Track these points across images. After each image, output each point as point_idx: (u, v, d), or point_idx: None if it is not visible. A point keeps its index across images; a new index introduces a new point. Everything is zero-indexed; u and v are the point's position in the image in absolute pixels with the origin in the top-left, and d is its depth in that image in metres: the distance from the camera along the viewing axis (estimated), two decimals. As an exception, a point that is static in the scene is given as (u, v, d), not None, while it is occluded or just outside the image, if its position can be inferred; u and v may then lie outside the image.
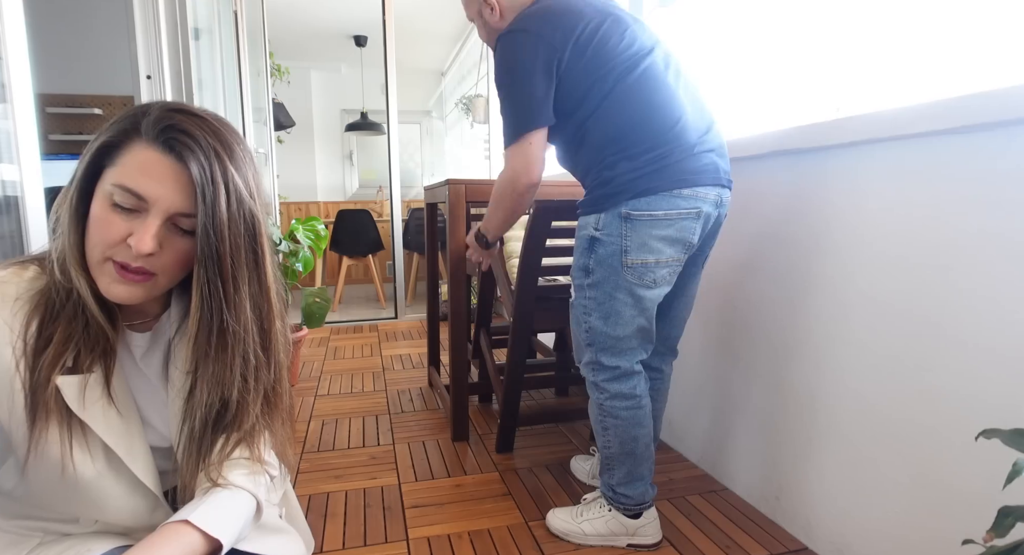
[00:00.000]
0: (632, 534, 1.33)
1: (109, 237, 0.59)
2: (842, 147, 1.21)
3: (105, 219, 0.59)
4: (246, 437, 0.68)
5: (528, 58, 1.18)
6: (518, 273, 1.59)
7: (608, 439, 1.30)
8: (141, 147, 0.59)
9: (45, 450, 0.60)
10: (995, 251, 0.94)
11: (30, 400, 0.58)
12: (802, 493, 1.35)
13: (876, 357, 1.15)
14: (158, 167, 0.58)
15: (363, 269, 5.22)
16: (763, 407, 1.47)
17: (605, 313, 1.22)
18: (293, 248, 2.55)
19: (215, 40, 2.93)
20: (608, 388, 1.27)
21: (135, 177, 0.58)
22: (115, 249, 0.59)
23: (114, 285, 0.60)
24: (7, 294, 0.60)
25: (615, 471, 1.32)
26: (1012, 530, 0.49)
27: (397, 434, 2.02)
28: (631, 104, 1.16)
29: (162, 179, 0.58)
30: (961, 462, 1.00)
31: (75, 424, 0.61)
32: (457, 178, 1.85)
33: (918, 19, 1.28)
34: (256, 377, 0.67)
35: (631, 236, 1.16)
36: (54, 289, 0.61)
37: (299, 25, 4.41)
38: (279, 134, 4.64)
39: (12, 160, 1.27)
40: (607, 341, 1.24)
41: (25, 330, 0.59)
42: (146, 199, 0.58)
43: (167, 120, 0.59)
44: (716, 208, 1.20)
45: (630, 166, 1.15)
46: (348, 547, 1.35)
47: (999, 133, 0.92)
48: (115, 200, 0.58)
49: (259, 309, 0.66)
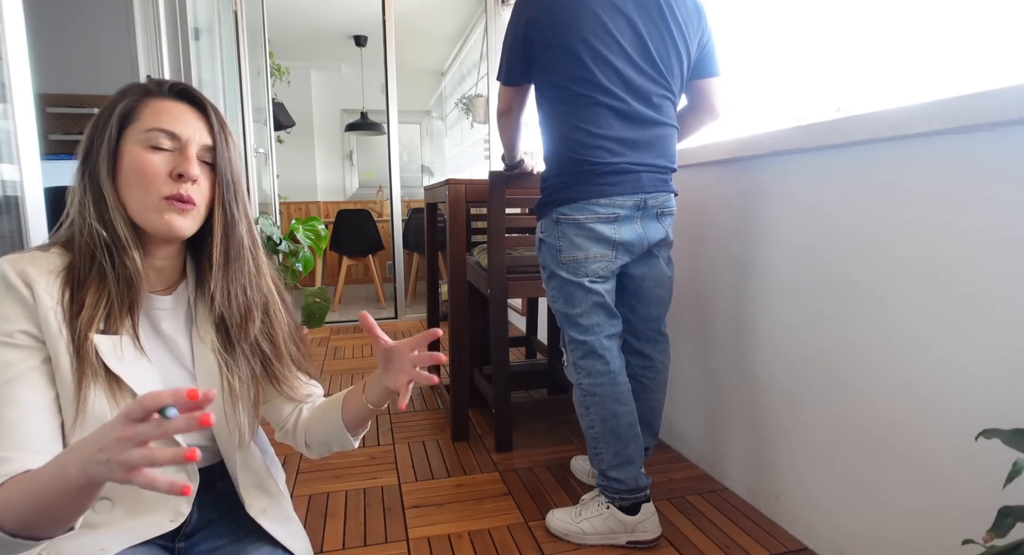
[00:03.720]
0: (631, 531, 1.33)
1: (157, 174, 0.68)
2: (842, 147, 1.21)
3: (146, 161, 0.68)
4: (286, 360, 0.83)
5: None
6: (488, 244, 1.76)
7: (591, 419, 1.37)
8: (158, 101, 0.70)
9: (91, 409, 0.65)
10: (995, 251, 0.94)
11: (75, 359, 0.65)
12: (802, 493, 1.35)
13: (876, 357, 1.15)
14: (180, 111, 0.71)
15: (363, 269, 5.21)
16: (763, 407, 1.47)
17: (564, 297, 1.39)
18: (293, 248, 2.55)
19: (215, 40, 2.93)
20: (583, 365, 1.37)
21: (165, 120, 0.69)
22: (165, 185, 0.69)
23: (176, 219, 0.70)
24: (41, 268, 0.67)
25: (603, 454, 1.35)
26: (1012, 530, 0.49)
27: (397, 434, 2.02)
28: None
29: (186, 120, 0.71)
30: (961, 462, 1.00)
31: (112, 381, 0.67)
32: (457, 178, 1.85)
33: (918, 19, 1.28)
34: (259, 285, 0.80)
35: (562, 237, 1.36)
36: (80, 259, 0.68)
37: (299, 25, 4.41)
38: (279, 134, 4.64)
39: (12, 160, 1.27)
40: (572, 319, 1.38)
41: (61, 298, 0.66)
42: (179, 136, 0.70)
43: (170, 82, 0.72)
44: (638, 210, 1.35)
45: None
46: (348, 547, 1.35)
47: (999, 133, 0.92)
48: (151, 143, 0.69)
49: (250, 232, 0.80)
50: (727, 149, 1.53)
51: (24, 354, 0.64)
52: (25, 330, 0.64)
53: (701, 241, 1.67)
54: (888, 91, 1.35)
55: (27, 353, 0.64)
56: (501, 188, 1.72)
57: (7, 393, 0.62)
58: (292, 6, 4.02)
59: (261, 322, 0.80)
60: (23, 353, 0.64)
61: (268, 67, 3.80)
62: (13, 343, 0.63)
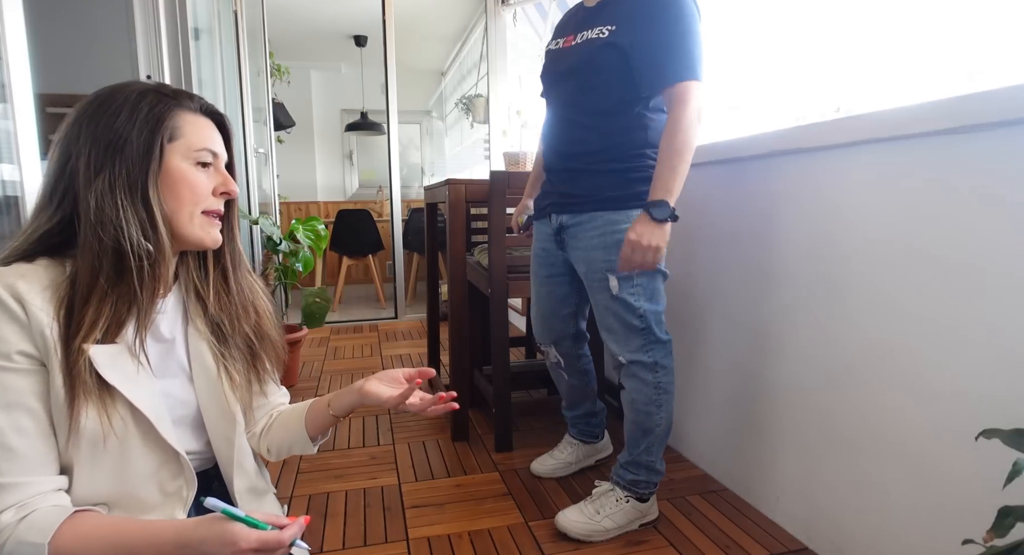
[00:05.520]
0: (644, 516, 1.42)
1: (204, 191, 0.73)
2: (842, 147, 1.21)
3: (198, 179, 0.72)
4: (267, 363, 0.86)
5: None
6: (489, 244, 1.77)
7: (660, 417, 1.37)
8: (196, 117, 0.73)
9: (83, 427, 0.64)
10: (996, 251, 0.94)
11: (68, 378, 0.63)
12: (802, 493, 1.35)
13: (876, 357, 1.15)
14: (212, 130, 0.75)
15: (363, 269, 5.21)
16: (763, 407, 1.47)
17: (653, 295, 1.33)
18: (293, 248, 2.55)
19: (215, 40, 2.93)
20: (664, 363, 1.36)
21: (209, 141, 0.73)
22: (208, 200, 0.73)
23: (213, 231, 0.75)
24: (33, 284, 0.64)
25: (657, 450, 1.40)
26: (1012, 530, 0.49)
27: (397, 434, 2.02)
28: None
29: (217, 139, 0.75)
30: (961, 462, 1.00)
31: (105, 393, 0.66)
32: (457, 178, 1.85)
33: (918, 19, 1.28)
34: (249, 283, 0.84)
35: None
36: (88, 271, 0.65)
37: (299, 25, 4.41)
38: (279, 134, 4.63)
39: (12, 160, 1.27)
40: (659, 316, 1.35)
41: (58, 314, 0.64)
42: (217, 154, 0.75)
43: (199, 98, 0.76)
44: None
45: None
46: (348, 547, 1.35)
47: (999, 133, 0.92)
48: (200, 161, 0.72)
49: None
50: (727, 149, 1.53)
51: (24, 378, 0.63)
52: (22, 350, 0.62)
53: (701, 242, 1.67)
54: (888, 91, 1.35)
55: (27, 377, 0.63)
56: (501, 188, 1.72)
57: (13, 420, 0.62)
58: (292, 6, 4.02)
59: (254, 316, 0.84)
60: (23, 377, 0.63)
61: (268, 67, 3.79)
62: (13, 367, 0.62)
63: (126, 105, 0.68)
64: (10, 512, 0.60)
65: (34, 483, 0.62)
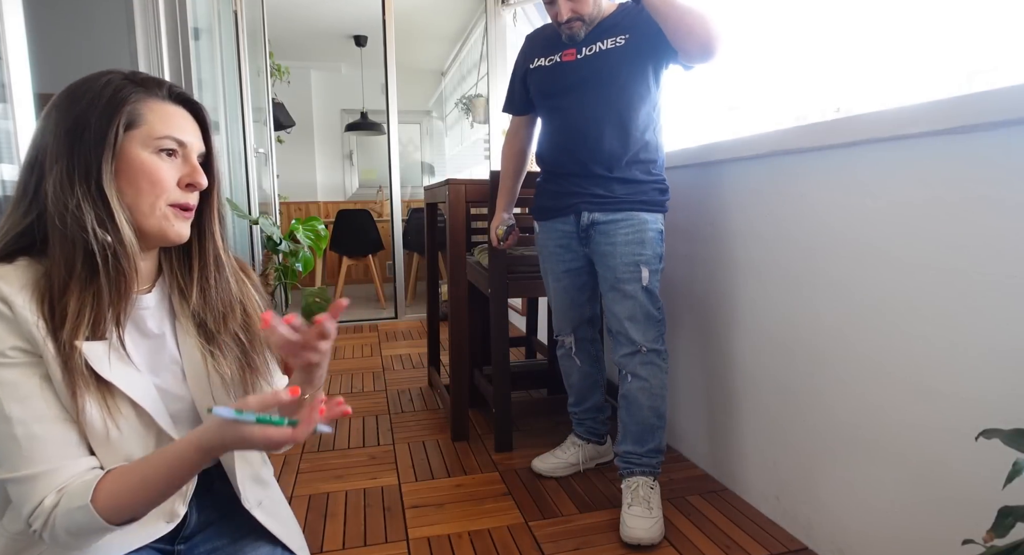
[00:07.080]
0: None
1: (166, 182, 0.69)
2: (842, 147, 1.21)
3: (158, 168, 0.68)
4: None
5: None
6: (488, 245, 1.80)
7: (666, 402, 1.50)
8: (161, 104, 0.69)
9: (88, 419, 0.64)
10: (996, 251, 0.94)
11: (64, 371, 0.63)
12: (802, 493, 1.35)
13: (876, 357, 1.15)
14: (182, 117, 0.71)
15: (363, 269, 5.21)
16: (763, 407, 1.47)
17: (659, 289, 1.48)
18: (293, 248, 2.56)
19: (215, 40, 2.93)
20: (666, 353, 1.50)
21: (174, 127, 0.69)
22: (173, 193, 0.69)
23: (182, 226, 0.71)
24: (14, 284, 0.63)
25: (664, 431, 1.50)
26: (1012, 530, 0.49)
27: (397, 434, 2.02)
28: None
29: (187, 127, 0.71)
30: (961, 462, 1.00)
31: (104, 388, 0.66)
32: (457, 178, 1.85)
33: (919, 20, 1.28)
34: (236, 278, 0.82)
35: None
36: (60, 265, 0.64)
37: (299, 25, 4.41)
38: (279, 134, 4.64)
39: (12, 160, 1.27)
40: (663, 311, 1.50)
41: (41, 310, 0.63)
42: (185, 144, 0.70)
43: (168, 84, 0.72)
44: None
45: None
46: (348, 547, 1.35)
47: (999, 133, 0.92)
48: (161, 149, 0.68)
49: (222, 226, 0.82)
50: (727, 149, 1.53)
51: (25, 370, 0.63)
52: (16, 346, 0.62)
53: (701, 241, 1.67)
54: (888, 91, 1.35)
55: (28, 368, 0.63)
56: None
57: (29, 410, 0.62)
58: (292, 6, 4.02)
59: (241, 314, 0.82)
60: (24, 370, 0.63)
61: (268, 67, 3.80)
62: (11, 362, 0.62)
63: (90, 92, 0.66)
64: (51, 496, 0.61)
65: (68, 466, 0.63)
